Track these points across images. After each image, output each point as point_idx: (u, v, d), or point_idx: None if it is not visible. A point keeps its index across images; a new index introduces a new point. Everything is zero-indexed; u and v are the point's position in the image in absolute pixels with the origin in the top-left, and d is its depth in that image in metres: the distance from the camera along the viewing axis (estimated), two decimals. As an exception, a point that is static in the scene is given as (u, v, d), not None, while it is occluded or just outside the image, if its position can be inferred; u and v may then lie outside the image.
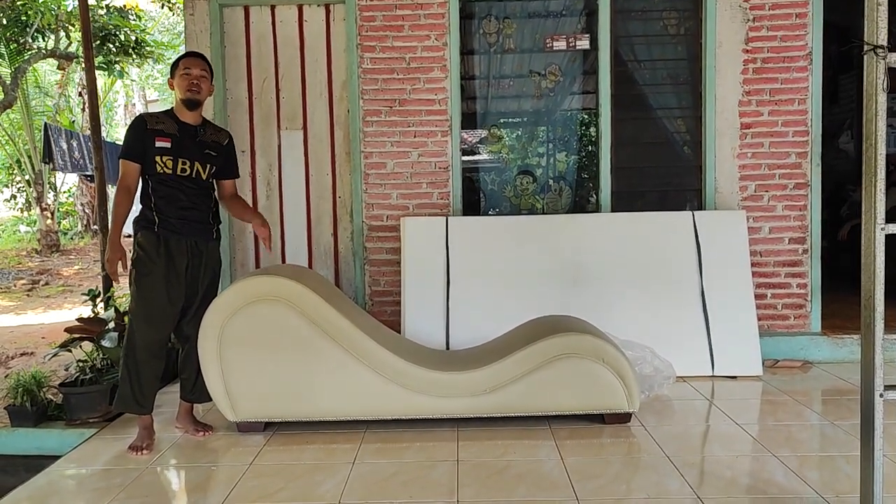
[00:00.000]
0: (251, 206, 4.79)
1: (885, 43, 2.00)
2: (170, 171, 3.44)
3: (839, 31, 6.00)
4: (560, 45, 4.98)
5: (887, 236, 2.05)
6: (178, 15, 13.42)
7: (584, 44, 4.96)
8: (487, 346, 3.94)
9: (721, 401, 4.01)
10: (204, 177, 3.55)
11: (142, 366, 3.42)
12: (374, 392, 3.53)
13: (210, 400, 3.59)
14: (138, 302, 3.41)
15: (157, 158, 3.41)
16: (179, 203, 3.47)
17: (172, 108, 3.59)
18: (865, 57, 2.03)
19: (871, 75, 2.03)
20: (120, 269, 3.44)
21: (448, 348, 4.48)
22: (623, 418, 3.59)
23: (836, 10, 4.97)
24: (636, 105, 4.98)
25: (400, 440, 3.46)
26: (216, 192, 3.73)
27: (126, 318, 3.52)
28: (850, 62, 7.42)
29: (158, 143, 3.41)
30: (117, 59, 11.31)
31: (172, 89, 3.58)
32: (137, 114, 20.39)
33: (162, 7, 12.01)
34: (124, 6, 11.49)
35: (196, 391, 3.66)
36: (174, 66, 3.54)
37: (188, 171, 3.48)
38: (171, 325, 3.54)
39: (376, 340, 3.55)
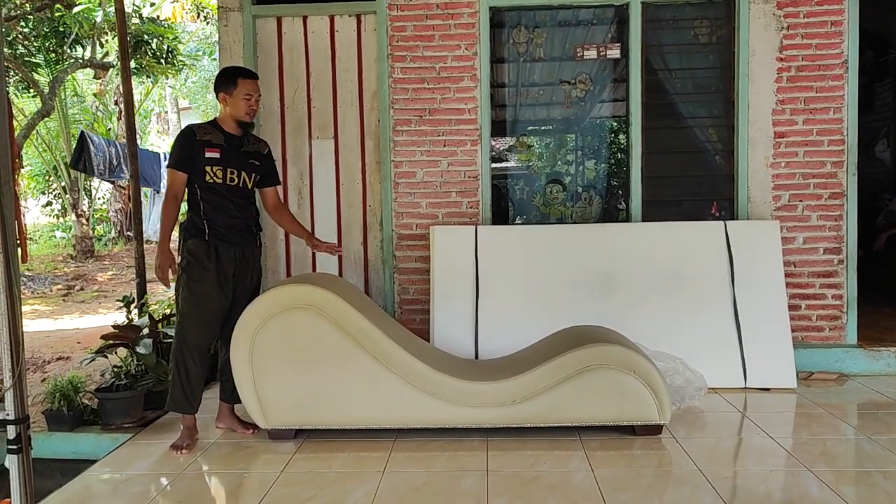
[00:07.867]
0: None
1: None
2: (219, 181, 3.58)
3: (874, 38, 5.90)
4: (590, 54, 4.96)
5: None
6: (212, 24, 13.61)
7: (614, 53, 4.94)
8: (517, 357, 3.93)
9: (754, 413, 3.96)
10: (249, 186, 3.71)
11: (192, 367, 3.57)
12: (404, 401, 3.54)
13: None
14: (192, 306, 3.54)
15: (208, 168, 3.56)
16: (228, 212, 3.61)
17: (216, 118, 3.71)
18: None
19: (910, 86, 1.99)
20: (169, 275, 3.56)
21: (477, 358, 4.48)
22: (654, 430, 3.56)
23: (871, 18, 4.89)
24: (667, 114, 4.95)
25: (429, 449, 3.47)
26: (261, 203, 3.90)
27: (175, 322, 3.67)
28: (886, 69, 7.30)
29: (208, 154, 3.56)
30: (149, 65, 11.52)
31: (222, 102, 3.66)
32: (171, 121, 20.74)
33: (196, 20, 12.18)
34: (157, 17, 11.69)
35: (237, 392, 3.72)
36: (230, 81, 3.62)
37: (236, 181, 3.63)
38: (219, 329, 3.67)
39: (406, 349, 3.56)
